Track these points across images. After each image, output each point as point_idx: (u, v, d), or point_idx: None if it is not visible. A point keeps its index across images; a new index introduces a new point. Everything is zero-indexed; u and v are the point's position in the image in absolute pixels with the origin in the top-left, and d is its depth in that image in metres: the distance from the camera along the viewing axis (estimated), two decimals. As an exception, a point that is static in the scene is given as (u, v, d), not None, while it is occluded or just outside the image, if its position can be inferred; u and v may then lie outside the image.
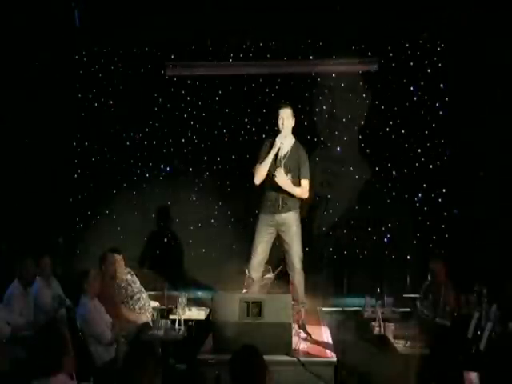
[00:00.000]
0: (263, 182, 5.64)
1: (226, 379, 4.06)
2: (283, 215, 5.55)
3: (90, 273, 5.37)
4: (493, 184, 7.23)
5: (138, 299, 6.06)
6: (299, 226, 5.63)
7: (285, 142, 5.58)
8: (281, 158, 5.55)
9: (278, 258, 5.88)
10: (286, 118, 5.59)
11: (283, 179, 5.45)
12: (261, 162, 5.60)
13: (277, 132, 5.68)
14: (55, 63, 7.81)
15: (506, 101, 7.11)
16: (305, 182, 5.58)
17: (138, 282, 6.29)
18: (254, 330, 4.48)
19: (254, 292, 5.53)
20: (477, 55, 7.35)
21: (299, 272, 5.58)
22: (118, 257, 6.19)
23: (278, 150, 5.54)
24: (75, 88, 8.42)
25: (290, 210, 5.57)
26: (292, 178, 5.55)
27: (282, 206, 5.54)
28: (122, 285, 6.12)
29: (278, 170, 5.44)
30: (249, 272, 5.62)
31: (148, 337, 5.33)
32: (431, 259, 6.06)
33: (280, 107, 5.67)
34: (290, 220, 5.57)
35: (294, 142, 5.68)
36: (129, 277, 6.25)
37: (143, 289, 6.27)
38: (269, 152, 5.55)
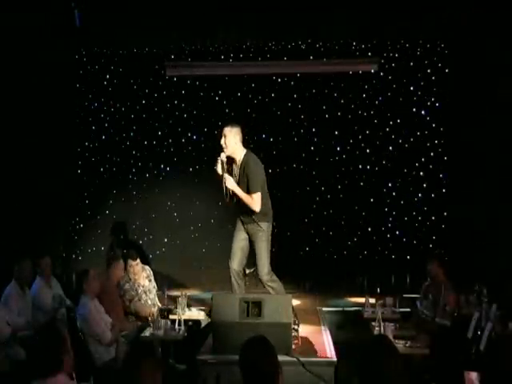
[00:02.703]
0: None
1: (226, 379, 4.06)
2: (250, 225, 5.67)
3: (89, 273, 5.37)
4: (493, 184, 7.23)
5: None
6: (266, 239, 5.65)
7: (236, 159, 5.61)
8: (235, 175, 5.63)
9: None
10: (226, 137, 5.53)
11: (230, 183, 5.53)
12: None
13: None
14: (55, 63, 7.80)
15: (506, 101, 7.11)
16: (252, 196, 5.53)
17: (154, 292, 6.27)
18: (253, 330, 4.46)
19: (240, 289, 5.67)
20: (477, 55, 7.36)
21: (266, 282, 5.62)
22: (133, 262, 6.16)
23: (233, 168, 5.62)
24: (75, 88, 8.43)
25: (254, 222, 5.63)
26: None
27: (248, 217, 5.65)
28: (139, 290, 6.13)
29: (225, 175, 5.52)
30: (231, 272, 5.75)
31: (148, 337, 5.32)
32: (427, 260, 6.04)
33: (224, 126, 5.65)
34: (256, 232, 5.64)
35: (244, 157, 5.61)
36: (146, 282, 6.23)
37: (157, 300, 6.24)
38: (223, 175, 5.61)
